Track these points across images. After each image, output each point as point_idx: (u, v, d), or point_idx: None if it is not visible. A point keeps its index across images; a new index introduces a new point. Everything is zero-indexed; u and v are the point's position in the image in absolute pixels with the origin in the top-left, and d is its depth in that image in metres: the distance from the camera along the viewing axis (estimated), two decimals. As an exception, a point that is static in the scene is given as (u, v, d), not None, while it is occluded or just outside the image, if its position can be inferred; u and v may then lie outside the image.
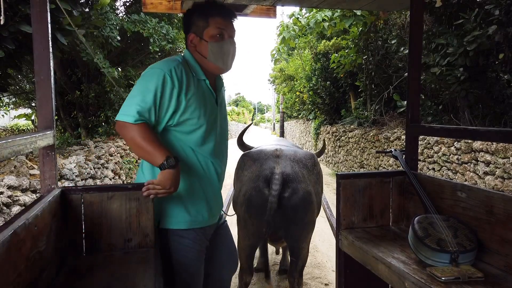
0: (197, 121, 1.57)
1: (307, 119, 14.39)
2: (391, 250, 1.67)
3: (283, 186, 2.15)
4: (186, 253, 1.66)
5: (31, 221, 1.18)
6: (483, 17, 4.66)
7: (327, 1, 2.42)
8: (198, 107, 1.57)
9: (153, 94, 1.47)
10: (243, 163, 2.47)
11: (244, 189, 2.29)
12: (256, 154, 2.42)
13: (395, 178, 2.02)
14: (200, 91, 1.60)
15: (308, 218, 2.25)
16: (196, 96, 1.56)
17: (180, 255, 1.66)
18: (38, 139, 1.37)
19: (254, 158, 2.40)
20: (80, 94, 6.71)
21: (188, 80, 1.55)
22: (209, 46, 1.60)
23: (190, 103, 1.54)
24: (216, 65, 1.63)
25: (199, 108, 1.57)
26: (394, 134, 6.43)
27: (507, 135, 1.51)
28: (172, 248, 1.66)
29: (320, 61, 10.75)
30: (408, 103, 2.07)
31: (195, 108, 1.56)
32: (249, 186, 2.25)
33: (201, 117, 1.58)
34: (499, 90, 4.98)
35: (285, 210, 2.16)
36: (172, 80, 1.49)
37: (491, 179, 4.05)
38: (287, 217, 2.19)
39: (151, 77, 1.49)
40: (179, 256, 1.66)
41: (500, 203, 1.47)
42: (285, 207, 2.16)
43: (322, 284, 3.33)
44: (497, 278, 1.39)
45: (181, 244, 1.66)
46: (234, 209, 2.51)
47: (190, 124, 1.57)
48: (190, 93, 1.54)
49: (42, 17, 1.52)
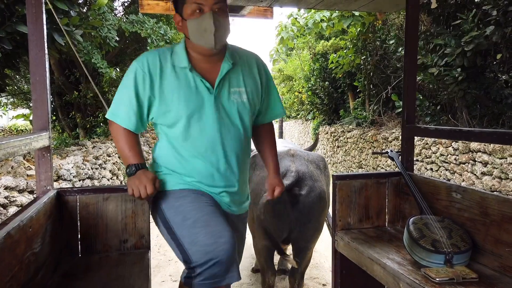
0: (175, 113, 1.44)
1: (305, 119, 14.39)
2: (387, 251, 1.67)
3: (300, 184, 2.12)
4: (176, 209, 1.44)
5: (25, 223, 1.18)
6: (480, 17, 4.67)
7: (324, 2, 2.42)
8: (177, 98, 1.43)
9: (133, 89, 1.44)
10: (255, 163, 2.44)
11: (258, 188, 2.24)
12: None
13: (391, 179, 2.02)
14: (181, 80, 1.45)
15: (322, 218, 2.23)
16: (173, 85, 1.44)
17: (171, 219, 1.44)
18: (33, 140, 1.37)
19: None
20: (78, 95, 6.71)
21: (162, 67, 1.45)
22: (188, 24, 1.43)
23: (165, 92, 1.44)
24: (198, 44, 1.45)
25: (178, 99, 1.43)
26: (393, 135, 6.43)
27: (501, 136, 1.51)
28: (163, 217, 1.46)
29: (318, 61, 10.75)
30: (404, 104, 2.07)
31: (172, 99, 1.43)
32: (264, 185, 2.22)
33: (180, 109, 1.43)
34: (497, 91, 4.99)
35: (302, 209, 2.12)
36: (143, 70, 1.44)
37: (489, 179, 4.06)
38: (303, 216, 2.14)
39: (128, 72, 1.47)
40: (170, 220, 1.43)
41: (495, 204, 1.47)
42: (303, 205, 2.11)
43: (320, 285, 3.33)
44: (491, 279, 1.40)
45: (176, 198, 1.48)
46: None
47: (169, 117, 1.45)
48: (164, 81, 1.44)
49: (37, 18, 1.53)
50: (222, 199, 1.54)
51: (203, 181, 1.50)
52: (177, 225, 1.38)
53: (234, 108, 1.51)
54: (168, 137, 1.51)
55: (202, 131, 1.46)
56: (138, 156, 1.47)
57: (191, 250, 1.30)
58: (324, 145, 10.57)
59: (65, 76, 6.80)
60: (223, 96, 1.49)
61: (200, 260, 1.27)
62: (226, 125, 1.49)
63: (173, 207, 1.43)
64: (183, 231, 1.36)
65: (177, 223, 1.38)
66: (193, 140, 1.46)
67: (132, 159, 1.46)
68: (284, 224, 2.10)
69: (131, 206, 1.62)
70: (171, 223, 1.40)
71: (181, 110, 1.43)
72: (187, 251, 1.32)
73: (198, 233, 1.32)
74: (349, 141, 8.62)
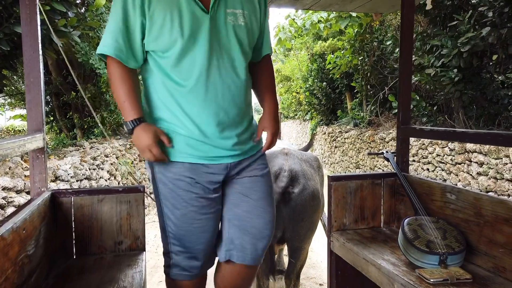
0: (169, 36, 1.31)
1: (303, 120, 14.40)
2: (382, 252, 1.67)
3: (293, 183, 2.12)
4: (170, 193, 1.41)
5: (19, 225, 1.18)
6: (476, 18, 4.69)
7: (320, 2, 2.43)
8: (170, 18, 1.30)
9: (121, 12, 1.31)
10: None
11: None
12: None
13: (386, 180, 2.03)
14: (173, 1, 1.31)
15: (315, 217, 2.23)
16: (163, 3, 1.30)
17: (163, 196, 1.43)
18: (27, 142, 1.36)
19: None
20: (76, 95, 6.70)
21: None
22: None
23: (156, 12, 1.30)
24: None
25: (170, 20, 1.30)
26: (390, 135, 6.45)
27: (495, 138, 1.52)
28: (156, 188, 1.44)
29: (316, 62, 10.77)
30: (399, 105, 2.08)
31: (164, 19, 1.30)
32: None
33: (173, 30, 1.30)
34: (493, 91, 5.01)
35: (295, 207, 2.12)
36: None
37: (484, 179, 4.07)
38: (296, 215, 2.14)
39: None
40: (163, 197, 1.43)
41: (488, 205, 1.48)
42: (295, 203, 2.11)
43: (316, 284, 3.34)
44: (485, 280, 1.40)
45: (164, 182, 1.42)
46: None
47: (163, 40, 1.32)
48: (154, 1, 1.31)
49: (32, 19, 1.52)
50: (226, 143, 1.42)
51: (205, 131, 1.37)
52: (169, 223, 1.44)
53: (232, 32, 1.38)
54: (160, 69, 1.38)
55: (200, 59, 1.34)
56: (135, 108, 1.35)
57: (172, 247, 1.45)
58: (321, 146, 10.58)
59: (63, 76, 6.79)
60: (219, 18, 1.36)
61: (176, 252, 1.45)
62: (220, 53, 1.37)
63: (170, 203, 1.42)
64: (172, 229, 1.43)
65: (170, 221, 1.43)
66: (188, 66, 1.34)
67: (127, 111, 1.34)
68: (277, 223, 2.10)
69: (126, 208, 1.61)
70: (164, 217, 1.44)
71: (176, 31, 1.30)
72: (169, 245, 1.46)
73: (183, 241, 1.43)
74: (346, 142, 8.64)
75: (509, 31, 4.34)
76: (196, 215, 1.40)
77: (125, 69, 1.37)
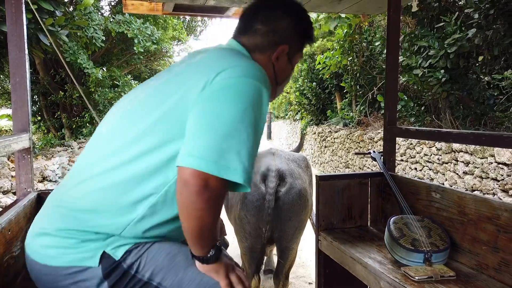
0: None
1: (294, 120, 14.46)
2: (368, 251, 1.69)
3: (280, 182, 2.13)
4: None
5: (4, 226, 1.17)
6: (463, 20, 4.77)
7: (309, 4, 2.45)
8: None
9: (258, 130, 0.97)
10: None
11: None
12: None
13: (373, 179, 2.05)
14: None
15: (303, 216, 2.24)
16: None
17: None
18: (12, 142, 1.35)
19: None
20: (64, 95, 6.63)
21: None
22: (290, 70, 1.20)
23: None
24: (278, 91, 1.22)
25: None
26: (378, 135, 6.51)
27: (478, 138, 1.55)
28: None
29: (306, 62, 10.82)
30: (386, 106, 2.10)
31: None
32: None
33: None
34: (479, 92, 5.10)
35: (282, 206, 2.13)
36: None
37: (470, 178, 4.14)
38: (283, 214, 2.15)
39: (252, 98, 0.95)
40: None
41: (472, 204, 1.51)
42: (282, 202, 2.13)
43: (306, 283, 3.36)
44: (468, 277, 1.43)
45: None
46: (228, 215, 2.46)
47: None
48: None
49: (17, 18, 1.51)
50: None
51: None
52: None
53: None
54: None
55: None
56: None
57: None
58: (311, 145, 10.63)
59: (51, 76, 6.71)
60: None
61: None
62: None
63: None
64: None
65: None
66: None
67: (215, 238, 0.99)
68: (264, 223, 2.10)
69: (114, 208, 1.61)
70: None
71: None
72: None
73: None
74: (336, 141, 8.69)
75: (495, 32, 4.42)
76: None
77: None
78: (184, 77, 1.01)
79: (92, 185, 1.01)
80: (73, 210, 1.01)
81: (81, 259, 0.98)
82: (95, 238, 0.99)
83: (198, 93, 0.94)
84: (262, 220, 2.10)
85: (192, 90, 0.95)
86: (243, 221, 2.20)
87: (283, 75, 1.18)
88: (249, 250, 2.27)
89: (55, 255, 0.99)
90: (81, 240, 0.99)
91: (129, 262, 1.00)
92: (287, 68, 1.18)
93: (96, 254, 0.99)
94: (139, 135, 0.99)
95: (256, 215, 2.12)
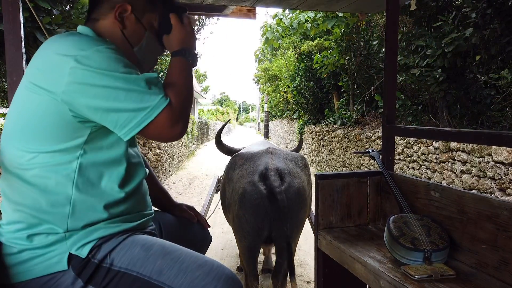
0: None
1: (291, 119, 14.47)
2: (368, 249, 1.69)
3: (278, 180, 2.13)
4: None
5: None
6: (460, 19, 4.78)
7: (306, 2, 2.44)
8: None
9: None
10: (234, 163, 2.44)
11: (237, 186, 2.23)
12: (248, 153, 2.41)
13: (372, 178, 2.05)
14: None
15: (301, 215, 2.23)
16: None
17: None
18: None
19: (246, 157, 2.38)
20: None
21: None
22: (146, 35, 1.20)
23: None
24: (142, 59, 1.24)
25: None
26: (376, 134, 6.52)
27: (477, 136, 1.55)
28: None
29: (303, 61, 10.83)
30: (384, 104, 2.10)
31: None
32: (242, 182, 2.19)
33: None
34: (476, 91, 5.11)
35: (280, 205, 2.09)
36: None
37: (468, 177, 4.15)
38: (282, 212, 2.12)
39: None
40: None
41: (471, 203, 1.51)
42: (281, 201, 2.12)
43: (304, 282, 3.36)
44: (468, 276, 1.43)
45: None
46: (226, 214, 2.44)
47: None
48: None
49: (14, 17, 1.50)
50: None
51: None
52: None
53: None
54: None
55: None
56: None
57: None
58: (309, 145, 10.64)
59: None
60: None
61: None
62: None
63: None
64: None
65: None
66: None
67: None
68: (263, 222, 2.10)
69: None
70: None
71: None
72: None
73: None
74: (333, 141, 8.70)
75: (492, 32, 4.43)
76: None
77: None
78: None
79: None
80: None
81: (49, 265, 1.04)
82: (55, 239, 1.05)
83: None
84: (261, 219, 2.10)
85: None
86: (242, 220, 2.19)
87: (137, 36, 1.18)
88: (248, 249, 2.25)
89: (23, 270, 1.04)
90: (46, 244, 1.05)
91: (100, 257, 1.06)
92: (139, 29, 1.17)
93: (62, 258, 1.04)
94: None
95: (255, 214, 2.12)
